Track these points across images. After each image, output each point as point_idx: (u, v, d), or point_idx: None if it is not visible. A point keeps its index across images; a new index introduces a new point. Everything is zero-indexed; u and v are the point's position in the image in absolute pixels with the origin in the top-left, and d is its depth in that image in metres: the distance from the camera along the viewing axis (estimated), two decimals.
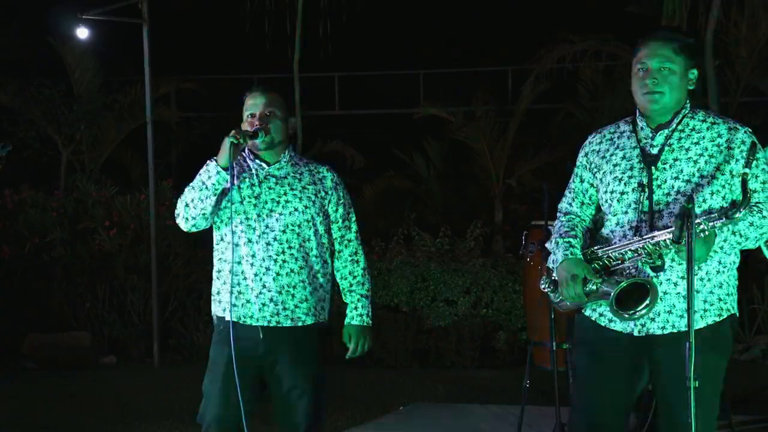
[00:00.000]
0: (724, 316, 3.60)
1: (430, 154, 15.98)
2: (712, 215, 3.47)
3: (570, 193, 3.82)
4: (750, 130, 3.61)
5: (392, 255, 10.70)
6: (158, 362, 10.31)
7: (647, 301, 3.50)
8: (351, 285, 4.33)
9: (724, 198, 3.55)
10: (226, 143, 4.03)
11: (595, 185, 3.73)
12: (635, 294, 3.52)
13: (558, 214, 3.82)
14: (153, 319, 10.36)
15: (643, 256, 3.52)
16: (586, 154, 3.77)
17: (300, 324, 4.16)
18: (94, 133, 13.25)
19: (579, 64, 13.36)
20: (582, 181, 3.78)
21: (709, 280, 3.58)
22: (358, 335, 4.30)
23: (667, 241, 3.45)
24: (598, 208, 3.76)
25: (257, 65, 18.42)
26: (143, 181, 11.99)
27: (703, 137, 3.58)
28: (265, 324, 4.12)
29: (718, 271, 3.60)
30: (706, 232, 3.47)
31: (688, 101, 3.66)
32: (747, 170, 3.50)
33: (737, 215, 3.45)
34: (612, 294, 3.49)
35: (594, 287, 3.55)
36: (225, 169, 4.03)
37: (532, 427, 6.24)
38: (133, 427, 7.29)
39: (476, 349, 9.98)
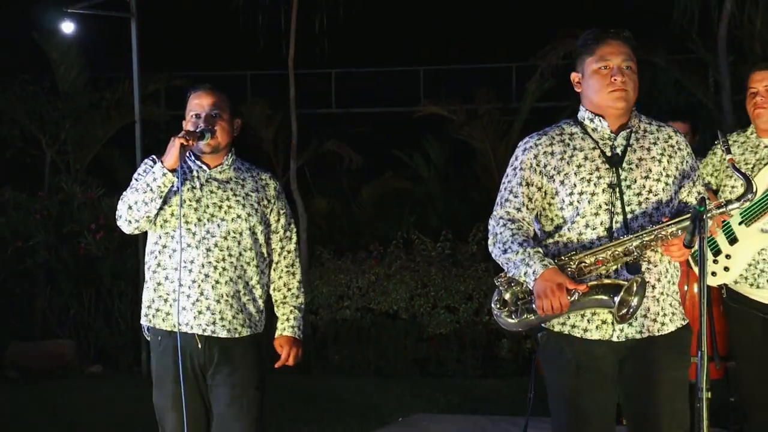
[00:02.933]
0: (686, 321, 3.67)
1: (431, 154, 16.04)
2: (720, 205, 3.59)
3: (515, 198, 3.68)
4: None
5: (391, 260, 10.76)
6: (146, 371, 10.33)
7: (637, 299, 3.47)
8: (285, 297, 4.35)
9: (690, 194, 3.68)
10: (176, 144, 3.97)
11: (544, 189, 3.64)
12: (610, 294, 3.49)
13: (499, 221, 3.68)
14: (141, 326, 10.14)
15: (625, 258, 3.50)
16: (536, 156, 3.66)
17: (236, 336, 4.14)
18: (80, 132, 13.41)
19: None
20: (529, 185, 3.66)
21: (673, 283, 3.64)
22: (290, 346, 4.32)
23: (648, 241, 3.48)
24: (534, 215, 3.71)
25: (250, 61, 18.39)
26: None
27: (658, 138, 3.68)
28: (200, 332, 4.10)
29: (675, 275, 3.67)
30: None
31: None
32: (730, 155, 3.78)
33: (750, 197, 3.58)
34: (617, 298, 3.42)
35: (576, 297, 3.46)
36: (172, 171, 3.97)
37: None
38: None
39: (479, 358, 10.09)
